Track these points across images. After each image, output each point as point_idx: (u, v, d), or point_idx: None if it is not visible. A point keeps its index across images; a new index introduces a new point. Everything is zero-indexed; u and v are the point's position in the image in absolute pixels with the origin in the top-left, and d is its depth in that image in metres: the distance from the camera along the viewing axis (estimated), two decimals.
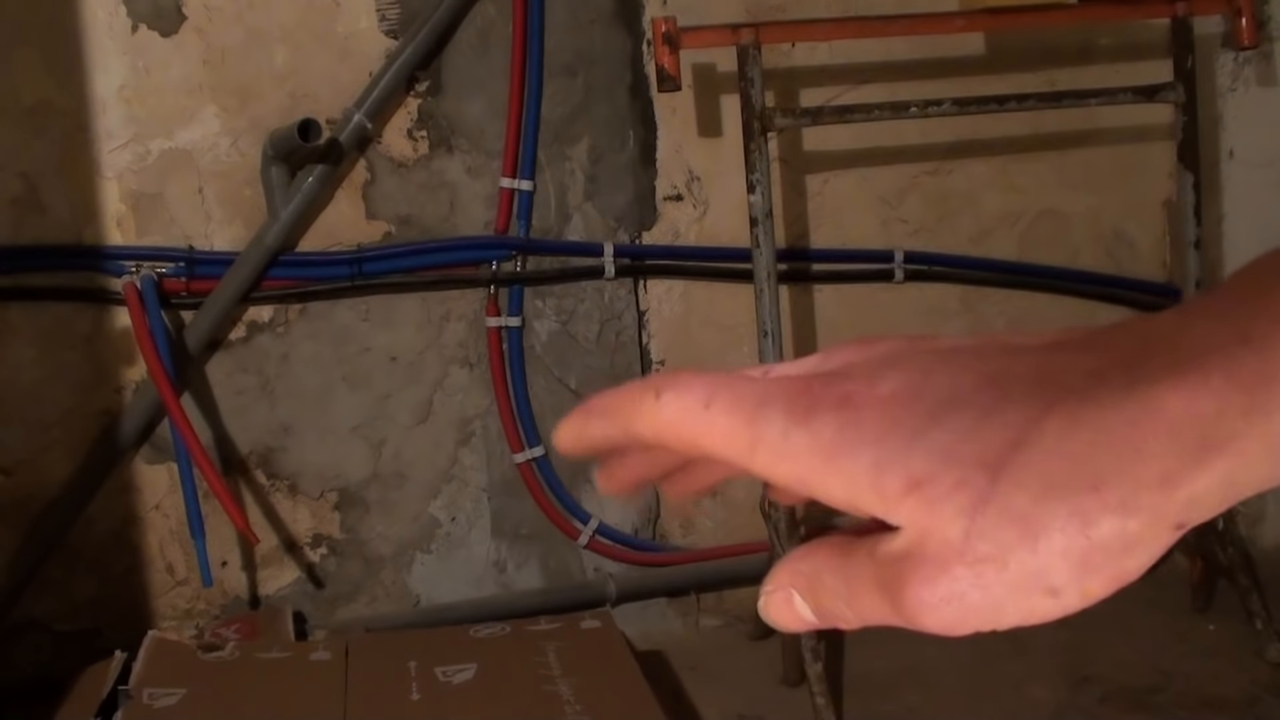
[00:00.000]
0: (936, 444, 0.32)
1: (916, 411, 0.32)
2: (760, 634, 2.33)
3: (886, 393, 0.33)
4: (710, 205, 2.42)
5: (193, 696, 1.83)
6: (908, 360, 0.34)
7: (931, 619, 0.32)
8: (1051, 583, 0.31)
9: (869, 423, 0.33)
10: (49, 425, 2.17)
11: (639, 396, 0.36)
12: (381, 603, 2.33)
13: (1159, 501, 0.30)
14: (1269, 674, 2.16)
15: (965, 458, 0.31)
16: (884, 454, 0.32)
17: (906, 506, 0.32)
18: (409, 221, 2.29)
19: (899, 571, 0.32)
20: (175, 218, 2.20)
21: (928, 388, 0.33)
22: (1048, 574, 0.31)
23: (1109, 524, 0.30)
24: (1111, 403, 0.31)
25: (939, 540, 0.31)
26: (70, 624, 2.20)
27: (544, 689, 1.85)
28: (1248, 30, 2.30)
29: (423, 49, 2.24)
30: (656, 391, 0.35)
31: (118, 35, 2.15)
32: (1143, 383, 0.31)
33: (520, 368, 2.35)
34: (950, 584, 0.31)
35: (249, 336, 2.25)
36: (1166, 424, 0.30)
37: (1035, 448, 0.31)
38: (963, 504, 0.31)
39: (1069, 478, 0.30)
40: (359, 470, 2.31)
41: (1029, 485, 0.30)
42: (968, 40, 2.50)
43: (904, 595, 0.32)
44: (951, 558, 0.31)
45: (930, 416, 0.32)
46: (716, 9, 2.32)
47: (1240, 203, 2.71)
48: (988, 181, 2.57)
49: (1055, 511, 0.30)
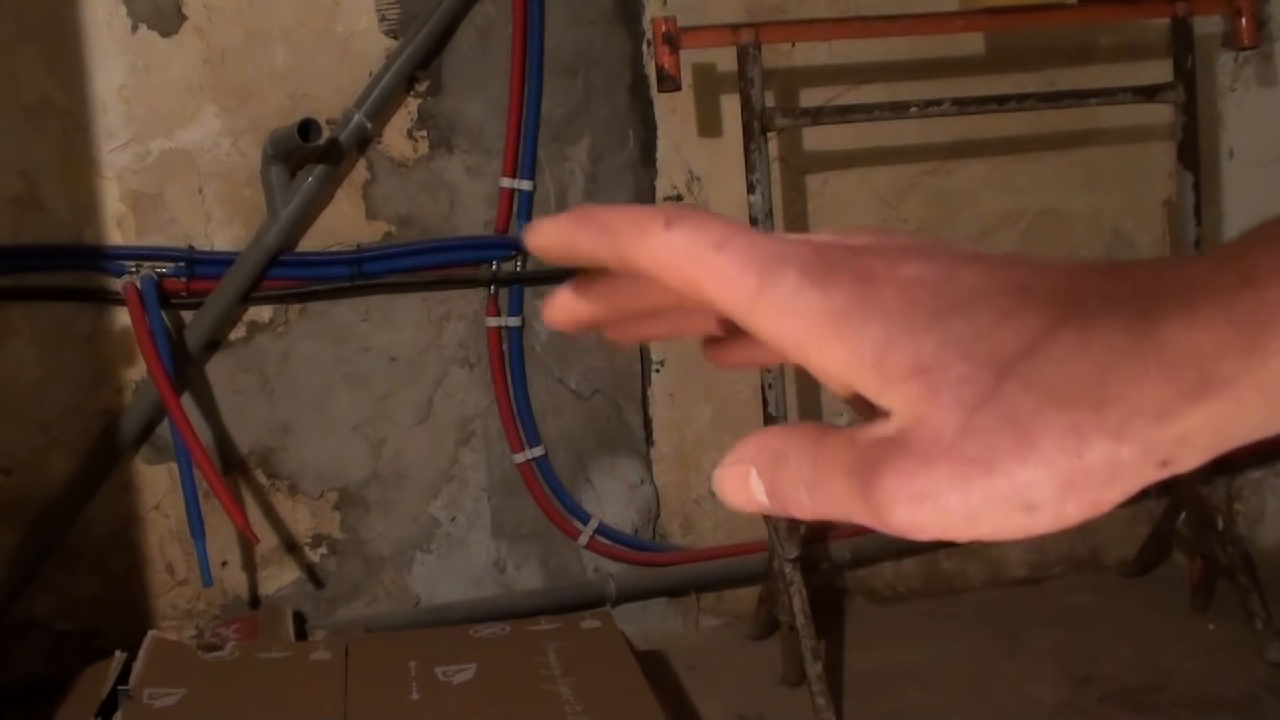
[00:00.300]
0: (951, 334, 0.31)
1: (937, 299, 0.31)
2: (760, 634, 2.33)
3: (909, 276, 0.32)
4: (710, 205, 2.42)
5: (193, 696, 1.83)
6: (933, 253, 0.33)
7: (900, 514, 0.31)
8: (1032, 498, 0.30)
9: (887, 299, 0.32)
10: (49, 425, 2.17)
11: (647, 220, 0.34)
12: (381, 603, 2.33)
13: (1152, 433, 0.30)
14: (1269, 674, 2.16)
15: (977, 354, 0.30)
16: (896, 331, 0.31)
17: (905, 390, 0.31)
18: (409, 221, 2.29)
19: (878, 457, 0.31)
20: (175, 218, 2.20)
21: (951, 281, 0.32)
22: (1030, 489, 0.30)
23: (1102, 447, 0.30)
24: (1122, 327, 0.30)
25: (930, 432, 0.30)
26: (70, 624, 2.20)
27: (544, 689, 1.85)
28: (1248, 30, 2.30)
29: (423, 49, 2.24)
30: (667, 220, 0.33)
31: (118, 35, 2.15)
32: (1152, 314, 0.30)
33: (520, 368, 2.35)
34: (929, 481, 0.30)
35: (249, 336, 2.25)
36: (1169, 357, 0.30)
37: (1045, 357, 0.30)
38: (964, 397, 0.30)
39: (1073, 392, 0.30)
40: (359, 470, 2.31)
41: (1033, 392, 0.30)
42: (968, 40, 2.50)
43: (876, 484, 0.31)
44: (938, 453, 0.30)
45: (950, 307, 0.31)
46: (716, 9, 2.32)
47: (1240, 203, 2.71)
48: (988, 181, 2.57)
49: (1054, 423, 0.30)
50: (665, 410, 2.45)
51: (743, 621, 2.42)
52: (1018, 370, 0.30)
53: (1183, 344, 0.30)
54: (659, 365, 2.44)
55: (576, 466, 2.41)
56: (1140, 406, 0.30)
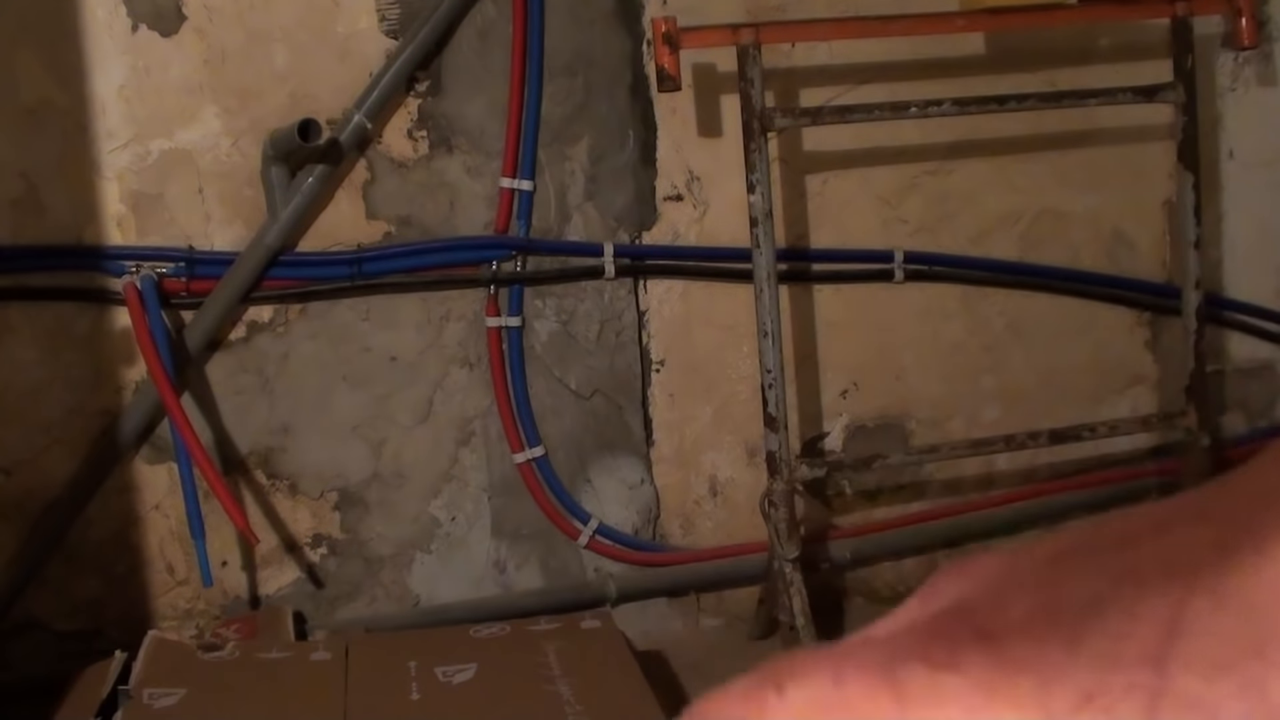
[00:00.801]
0: (1095, 651, 0.31)
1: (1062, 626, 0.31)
2: (760, 634, 2.33)
3: (1022, 614, 0.32)
4: (710, 205, 2.42)
5: (193, 696, 1.83)
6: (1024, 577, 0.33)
7: None
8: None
9: (1017, 648, 0.31)
10: (49, 425, 2.17)
11: (759, 696, 0.33)
12: (381, 603, 2.33)
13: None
14: None
15: (1127, 659, 0.30)
16: (1045, 675, 0.31)
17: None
18: (409, 221, 2.29)
19: None
20: (175, 218, 2.20)
21: (1062, 600, 0.32)
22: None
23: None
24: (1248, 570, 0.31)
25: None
26: (70, 624, 2.20)
27: (544, 689, 1.84)
28: (1248, 30, 2.30)
29: (423, 49, 2.24)
30: (777, 686, 0.33)
31: (118, 35, 2.15)
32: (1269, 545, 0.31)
33: (520, 368, 2.35)
34: None
35: (249, 336, 2.25)
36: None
37: (1191, 632, 0.30)
38: (1139, 705, 0.30)
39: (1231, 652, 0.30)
40: (359, 470, 2.31)
41: (1197, 668, 0.30)
42: (968, 40, 2.50)
43: None
44: None
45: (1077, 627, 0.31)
46: (716, 9, 2.32)
47: (1240, 203, 2.71)
48: (988, 181, 2.57)
49: (1228, 686, 0.30)
50: (665, 410, 2.45)
51: (743, 621, 2.42)
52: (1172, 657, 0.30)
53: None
54: (659, 365, 2.44)
55: (576, 466, 2.41)
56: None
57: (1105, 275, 2.64)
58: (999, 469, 2.61)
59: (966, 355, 2.59)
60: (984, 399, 2.61)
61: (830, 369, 2.52)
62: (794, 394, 2.42)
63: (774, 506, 2.15)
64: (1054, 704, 0.31)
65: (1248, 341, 2.77)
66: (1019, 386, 2.62)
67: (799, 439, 2.47)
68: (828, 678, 0.33)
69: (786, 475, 2.17)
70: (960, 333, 2.58)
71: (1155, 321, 2.69)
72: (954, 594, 0.35)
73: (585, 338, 2.39)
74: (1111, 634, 0.31)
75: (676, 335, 2.44)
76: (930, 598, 0.36)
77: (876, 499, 2.57)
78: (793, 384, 2.42)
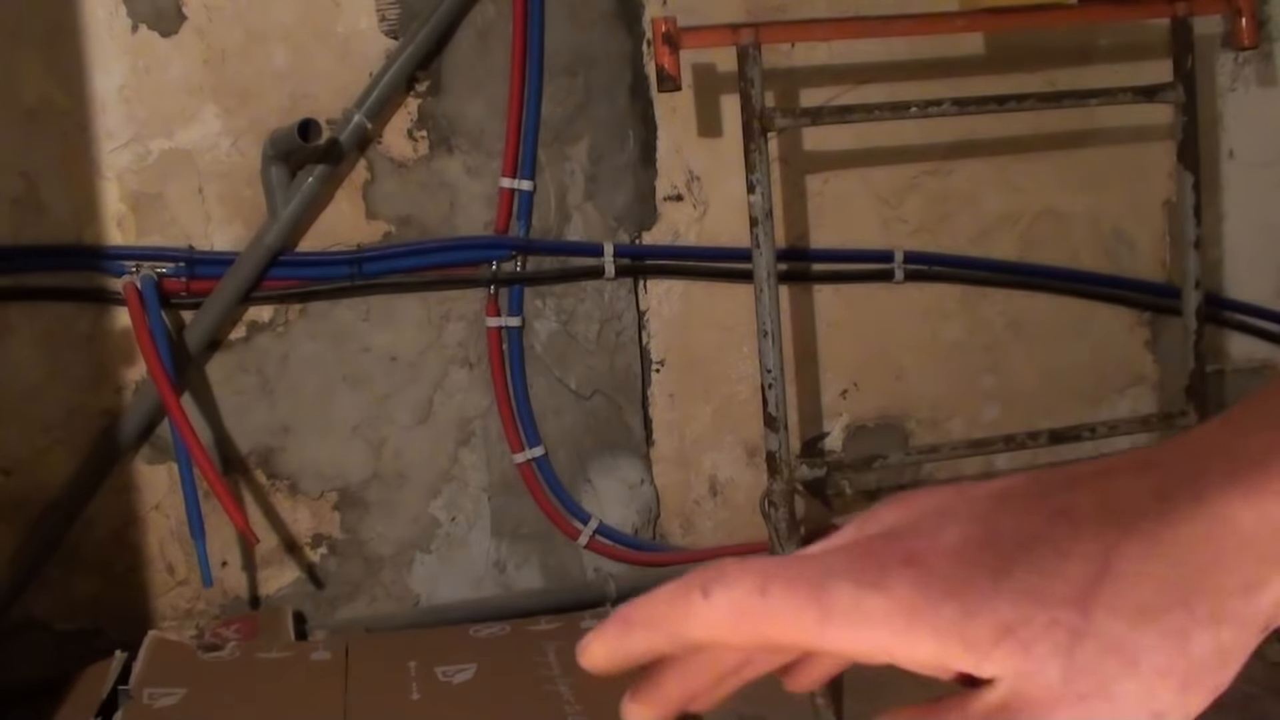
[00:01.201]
0: (1021, 586, 0.31)
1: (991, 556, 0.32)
2: None
3: (953, 543, 0.32)
4: (710, 205, 2.42)
5: (193, 696, 1.83)
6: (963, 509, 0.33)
7: None
8: (1156, 709, 0.31)
9: (944, 575, 0.32)
10: (49, 425, 2.17)
11: (684, 597, 0.34)
12: (381, 603, 2.33)
13: (1245, 608, 0.31)
14: (1267, 673, 2.16)
15: (1053, 596, 0.31)
16: (968, 604, 0.31)
17: (1000, 654, 0.31)
18: (409, 221, 2.29)
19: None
20: (175, 218, 2.20)
21: (995, 532, 0.32)
22: (1151, 701, 0.30)
23: (1203, 639, 0.30)
24: (1183, 520, 0.31)
25: (1038, 684, 0.31)
26: (70, 624, 2.20)
27: (544, 689, 1.85)
28: (1248, 30, 2.30)
29: (423, 49, 2.24)
30: (703, 589, 0.33)
31: (118, 35, 2.15)
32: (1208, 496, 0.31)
33: (520, 368, 2.35)
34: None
35: (249, 336, 2.25)
36: (1240, 535, 0.30)
37: (1120, 575, 0.31)
38: (1059, 642, 0.30)
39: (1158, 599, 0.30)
40: (359, 470, 2.31)
41: (1122, 612, 0.30)
42: (968, 40, 2.50)
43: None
44: (1053, 700, 0.30)
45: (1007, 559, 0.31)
46: (716, 9, 2.32)
47: (1240, 203, 2.71)
48: (988, 181, 2.57)
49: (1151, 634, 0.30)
50: (665, 410, 2.45)
51: None
52: (1098, 598, 0.31)
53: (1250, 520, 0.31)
54: (659, 365, 2.44)
55: (576, 466, 2.41)
56: (1226, 588, 0.30)
57: (1105, 275, 2.64)
58: (999, 469, 2.61)
59: (966, 355, 2.59)
60: (984, 399, 2.61)
61: (830, 369, 2.52)
62: (794, 394, 2.43)
63: (774, 506, 2.15)
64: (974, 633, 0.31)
65: (1248, 341, 2.77)
66: (1019, 386, 2.62)
67: (799, 439, 2.47)
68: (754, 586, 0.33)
69: (786, 475, 2.17)
70: (960, 333, 2.59)
71: (1155, 321, 2.69)
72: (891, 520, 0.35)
73: (585, 338, 2.39)
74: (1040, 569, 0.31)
75: (676, 335, 2.44)
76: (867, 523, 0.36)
77: (876, 499, 2.56)
78: (793, 384, 2.42)
